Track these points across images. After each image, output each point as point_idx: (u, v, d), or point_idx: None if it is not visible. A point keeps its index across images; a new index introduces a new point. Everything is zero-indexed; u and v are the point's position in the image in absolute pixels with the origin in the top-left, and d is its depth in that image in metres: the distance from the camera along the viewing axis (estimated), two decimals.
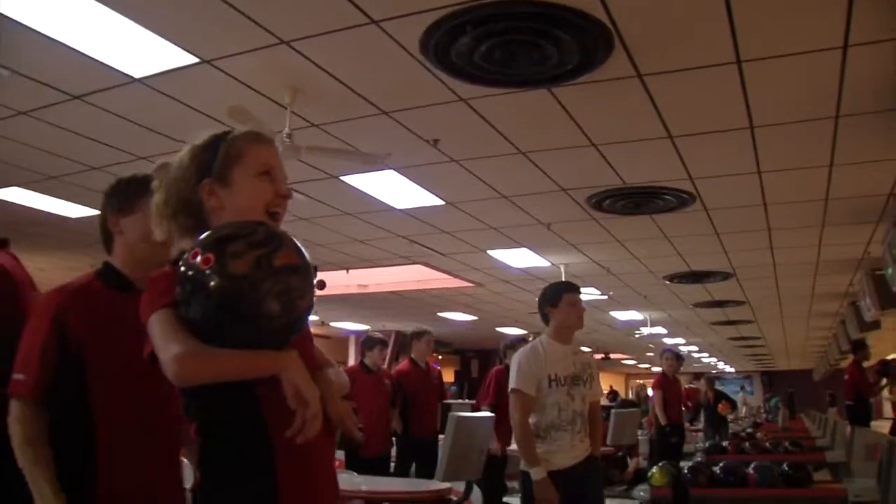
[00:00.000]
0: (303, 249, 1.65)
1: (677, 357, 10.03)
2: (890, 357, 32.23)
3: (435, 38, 4.00)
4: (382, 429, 6.96)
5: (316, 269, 3.09)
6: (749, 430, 14.28)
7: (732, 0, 3.61)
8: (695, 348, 23.91)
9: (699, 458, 6.91)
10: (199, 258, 1.56)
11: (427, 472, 6.49)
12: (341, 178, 6.42)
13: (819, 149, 5.63)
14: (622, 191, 6.69)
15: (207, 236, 1.62)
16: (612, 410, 8.92)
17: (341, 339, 18.81)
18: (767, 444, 8.60)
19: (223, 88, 4.60)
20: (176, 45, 4.11)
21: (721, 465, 5.11)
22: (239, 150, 1.81)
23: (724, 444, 8.35)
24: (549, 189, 6.54)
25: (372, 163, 5.58)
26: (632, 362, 30.97)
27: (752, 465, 4.92)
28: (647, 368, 32.79)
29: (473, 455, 4.61)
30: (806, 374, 30.56)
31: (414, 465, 7.18)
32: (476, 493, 4.83)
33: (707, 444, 8.74)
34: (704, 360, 29.15)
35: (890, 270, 7.78)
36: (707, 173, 6.22)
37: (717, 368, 33.79)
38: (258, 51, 4.18)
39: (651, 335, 17.71)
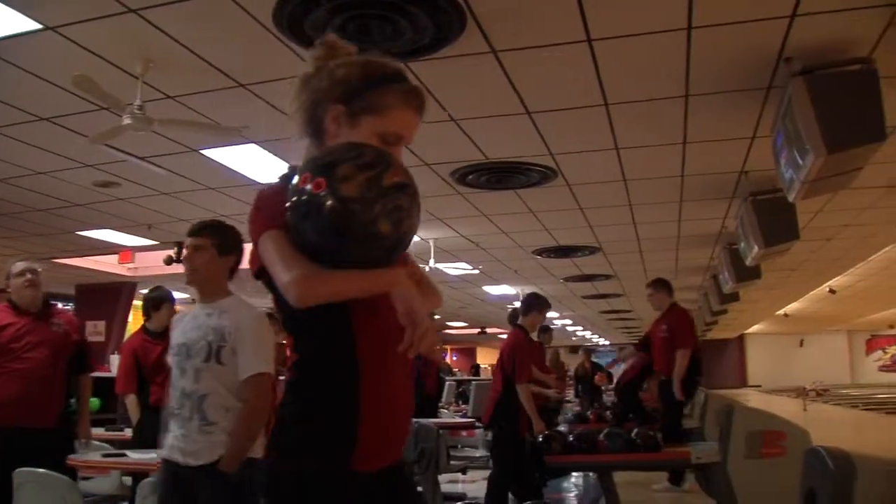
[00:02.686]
0: (407, 169, 1.67)
1: None
2: (751, 329, 33.73)
3: (287, 10, 3.95)
4: None
5: (180, 245, 3.03)
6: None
7: None
8: (569, 322, 24.46)
9: (563, 428, 7.09)
10: (309, 183, 1.57)
11: None
12: (201, 151, 6.28)
13: (672, 127, 5.82)
14: (485, 165, 6.76)
15: (316, 160, 1.64)
16: (473, 382, 9.03)
17: None
18: (630, 415, 8.87)
19: (70, 57, 4.43)
20: (17, 10, 3.93)
21: (575, 432, 5.27)
22: (385, 105, 1.78)
23: (588, 413, 8.59)
24: (413, 163, 6.54)
25: (228, 135, 5.49)
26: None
27: (604, 433, 5.09)
28: None
29: None
30: None
31: None
32: None
33: (570, 415, 8.97)
34: (579, 333, 29.87)
35: (743, 245, 8.13)
36: (567, 149, 6.35)
37: (592, 341, 34.70)
38: (106, 18, 4.04)
39: None
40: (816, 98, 4.34)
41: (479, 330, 25.15)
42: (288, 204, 1.62)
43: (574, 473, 8.37)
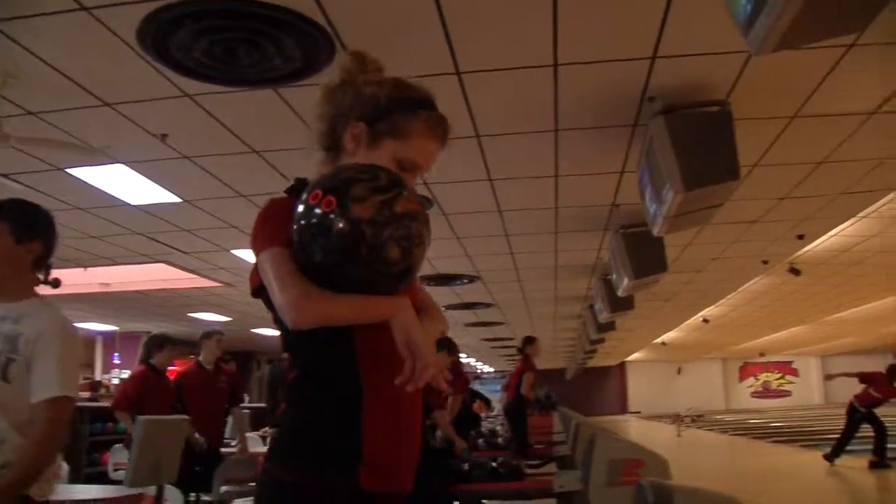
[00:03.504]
0: (420, 197, 1.64)
1: None
2: (632, 357, 34.54)
3: (152, 31, 3.86)
4: None
5: (50, 267, 2.77)
6: (498, 427, 14.80)
7: (446, 13, 3.74)
8: None
9: None
10: (320, 201, 1.53)
11: (206, 482, 6.10)
12: (67, 170, 6.06)
13: (544, 160, 5.92)
14: None
15: (329, 179, 1.59)
16: None
17: (87, 340, 17.84)
18: (500, 441, 8.94)
19: None
20: None
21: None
22: (409, 130, 1.76)
23: None
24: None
25: (89, 155, 5.32)
26: None
27: (468, 462, 5.11)
28: None
29: (165, 459, 4.46)
30: (561, 372, 32.24)
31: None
32: (173, 493, 4.69)
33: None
34: (463, 360, 30.00)
35: (615, 276, 8.33)
36: (441, 179, 6.37)
37: (478, 369, 34.91)
38: None
39: None
40: (675, 137, 4.49)
41: None
42: (296, 222, 1.57)
43: None
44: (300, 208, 1.58)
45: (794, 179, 6.76)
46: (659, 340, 25.69)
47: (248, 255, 9.23)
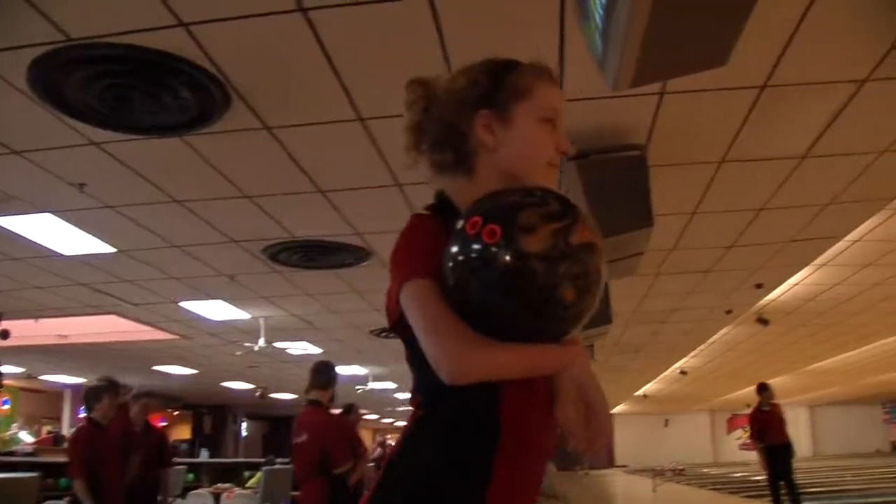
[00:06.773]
0: (596, 225, 1.38)
1: None
2: (616, 409, 34.19)
3: (41, 76, 3.78)
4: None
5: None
6: None
7: (337, 63, 3.70)
8: None
9: None
10: (480, 230, 1.29)
11: None
12: None
13: None
14: (292, 244, 6.62)
15: (488, 203, 1.36)
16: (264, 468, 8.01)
17: (54, 394, 17.62)
18: None
19: None
20: None
21: None
22: (527, 84, 1.53)
23: None
24: (220, 240, 6.35)
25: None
26: (374, 417, 30.59)
27: None
28: (390, 423, 33.00)
29: None
30: None
31: None
32: None
33: None
34: None
35: None
36: (373, 229, 6.27)
37: None
38: None
39: (381, 390, 17.75)
40: (587, 183, 4.40)
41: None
42: (449, 254, 1.34)
43: None
44: (456, 238, 1.35)
45: (738, 227, 6.66)
46: (640, 393, 25.45)
47: (197, 307, 9.07)
